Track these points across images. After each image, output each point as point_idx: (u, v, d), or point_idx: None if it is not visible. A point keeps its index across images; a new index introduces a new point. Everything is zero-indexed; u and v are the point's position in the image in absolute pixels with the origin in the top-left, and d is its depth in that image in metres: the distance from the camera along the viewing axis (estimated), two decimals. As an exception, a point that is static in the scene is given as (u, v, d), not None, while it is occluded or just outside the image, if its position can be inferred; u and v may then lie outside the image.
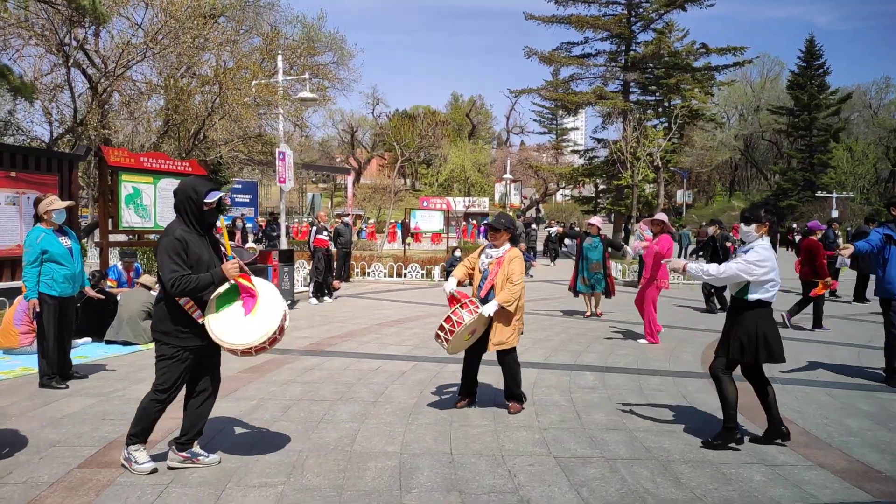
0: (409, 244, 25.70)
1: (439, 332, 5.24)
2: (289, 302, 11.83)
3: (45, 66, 15.98)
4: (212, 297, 4.01)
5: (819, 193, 45.02)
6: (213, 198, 3.98)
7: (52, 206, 6.17)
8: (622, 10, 30.70)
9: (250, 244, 12.48)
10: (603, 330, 9.92)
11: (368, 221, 37.73)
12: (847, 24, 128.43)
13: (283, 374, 6.81)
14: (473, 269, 5.59)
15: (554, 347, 8.47)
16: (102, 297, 8.32)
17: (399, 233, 30.07)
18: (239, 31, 16.59)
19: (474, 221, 38.27)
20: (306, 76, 14.38)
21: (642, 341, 8.88)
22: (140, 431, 4.09)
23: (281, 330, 3.99)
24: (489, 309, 5.22)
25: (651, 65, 30.55)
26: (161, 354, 4.03)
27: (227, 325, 3.96)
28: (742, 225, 4.71)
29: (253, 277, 4.10)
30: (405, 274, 17.51)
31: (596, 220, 11.73)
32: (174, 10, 12.64)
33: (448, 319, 5.15)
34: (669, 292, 15.63)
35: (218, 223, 4.18)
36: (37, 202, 6.30)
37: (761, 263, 4.50)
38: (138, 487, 3.85)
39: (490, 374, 6.56)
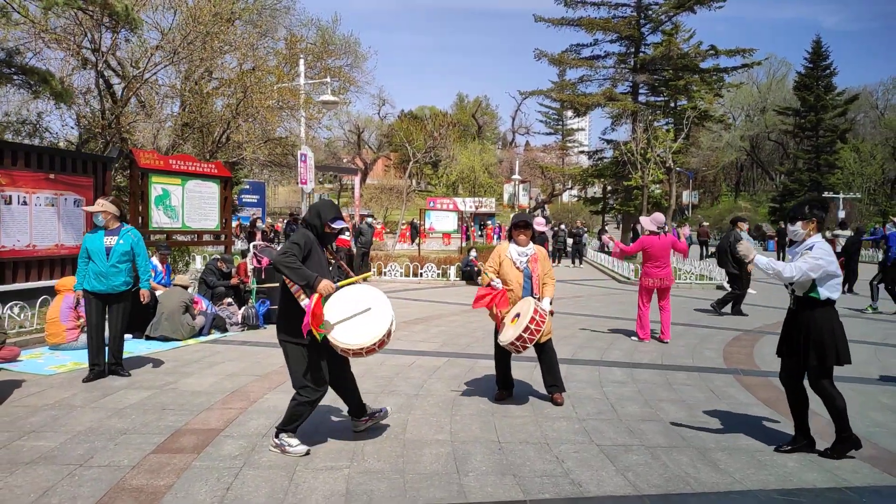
0: (419, 243, 26.00)
1: (520, 340, 5.32)
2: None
3: (67, 69, 16.35)
4: (329, 301, 4.36)
5: (826, 194, 45.12)
6: (338, 225, 4.53)
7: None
8: (631, 12, 30.95)
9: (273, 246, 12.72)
10: (621, 328, 10.16)
11: (375, 221, 37.84)
12: (854, 25, 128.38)
13: (323, 368, 7.07)
14: (499, 269, 5.81)
15: (579, 345, 8.73)
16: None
17: (410, 233, 30.31)
18: (258, 36, 16.85)
19: (490, 223, 38.24)
20: (328, 79, 14.66)
21: (633, 338, 9.16)
22: (292, 428, 4.47)
23: (388, 335, 4.40)
24: (548, 306, 5.58)
25: (660, 66, 30.78)
26: (291, 356, 4.44)
27: (340, 330, 4.32)
28: (789, 224, 4.68)
29: (360, 290, 4.54)
30: (421, 274, 17.78)
31: (538, 221, 11.69)
32: (201, 15, 12.93)
33: (520, 338, 5.32)
34: (684, 293, 15.89)
35: (345, 237, 4.67)
36: None
37: (826, 258, 4.41)
38: (215, 470, 4.13)
39: (522, 370, 6.85)
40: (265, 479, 4.02)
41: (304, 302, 4.31)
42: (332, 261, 4.79)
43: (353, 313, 4.38)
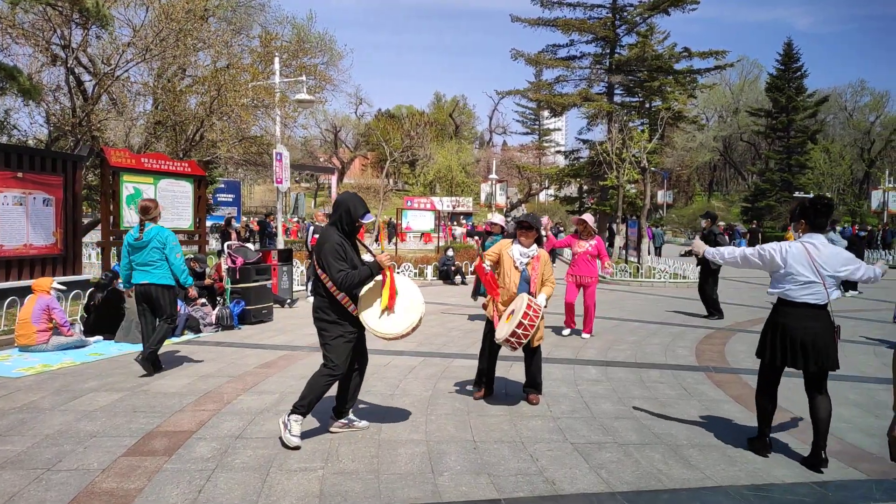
0: (396, 243, 25.98)
1: (514, 336, 5.32)
2: (287, 301, 12.02)
3: (36, 65, 16.02)
4: (362, 293, 4.65)
5: (797, 194, 45.89)
6: (367, 220, 4.71)
7: None
8: (607, 13, 31.18)
9: (249, 245, 12.62)
10: (596, 327, 10.23)
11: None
12: (825, 28, 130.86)
13: (297, 369, 7.04)
14: (499, 260, 5.83)
15: (554, 343, 8.78)
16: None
17: (387, 232, 30.20)
18: (233, 33, 16.70)
19: (465, 222, 38.50)
20: (303, 78, 14.56)
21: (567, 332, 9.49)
22: (307, 404, 4.59)
23: (420, 321, 4.80)
24: (543, 302, 5.62)
25: (635, 67, 31.06)
26: (329, 337, 4.62)
27: (376, 317, 4.66)
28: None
29: (396, 276, 4.83)
30: (398, 273, 17.72)
31: (499, 218, 11.78)
32: (174, 12, 12.77)
33: (514, 333, 5.32)
34: (658, 291, 16.09)
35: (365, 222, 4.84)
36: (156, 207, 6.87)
37: (765, 249, 4.48)
38: (187, 473, 4.08)
39: (498, 368, 6.85)
40: (238, 481, 3.99)
41: (351, 308, 4.62)
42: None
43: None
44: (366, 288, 4.67)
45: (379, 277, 4.67)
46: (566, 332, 9.47)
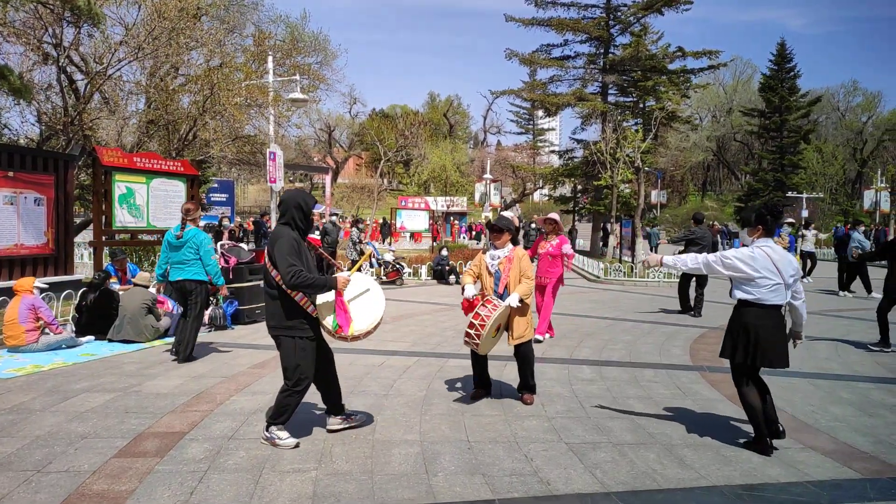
0: (390, 243, 25.93)
1: (468, 336, 5.36)
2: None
3: (27, 64, 15.92)
4: (319, 302, 4.52)
5: (790, 194, 46.06)
6: (317, 209, 4.55)
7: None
8: (601, 13, 31.21)
9: (243, 245, 12.57)
10: (590, 327, 10.24)
11: (344, 218, 37.70)
12: (818, 29, 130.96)
13: (291, 369, 6.99)
14: (479, 273, 5.83)
15: (548, 343, 8.77)
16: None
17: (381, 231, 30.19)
18: (226, 32, 16.64)
19: (456, 222, 38.60)
20: (297, 77, 14.52)
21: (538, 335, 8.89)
22: (282, 420, 4.54)
23: (381, 320, 4.69)
24: (513, 300, 5.48)
25: (629, 67, 31.09)
26: (288, 348, 4.49)
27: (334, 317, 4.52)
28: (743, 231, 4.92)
29: (360, 280, 4.74)
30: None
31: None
32: (167, 10, 12.71)
33: (471, 325, 5.32)
34: (652, 291, 16.11)
35: (315, 236, 4.76)
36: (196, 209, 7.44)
37: (728, 257, 4.59)
38: (179, 475, 4.05)
39: (492, 368, 6.83)
40: (230, 482, 3.95)
41: (310, 308, 4.50)
42: (313, 252, 4.91)
43: (352, 297, 4.62)
44: (323, 299, 4.54)
45: (331, 297, 4.51)
46: (541, 337, 8.83)
